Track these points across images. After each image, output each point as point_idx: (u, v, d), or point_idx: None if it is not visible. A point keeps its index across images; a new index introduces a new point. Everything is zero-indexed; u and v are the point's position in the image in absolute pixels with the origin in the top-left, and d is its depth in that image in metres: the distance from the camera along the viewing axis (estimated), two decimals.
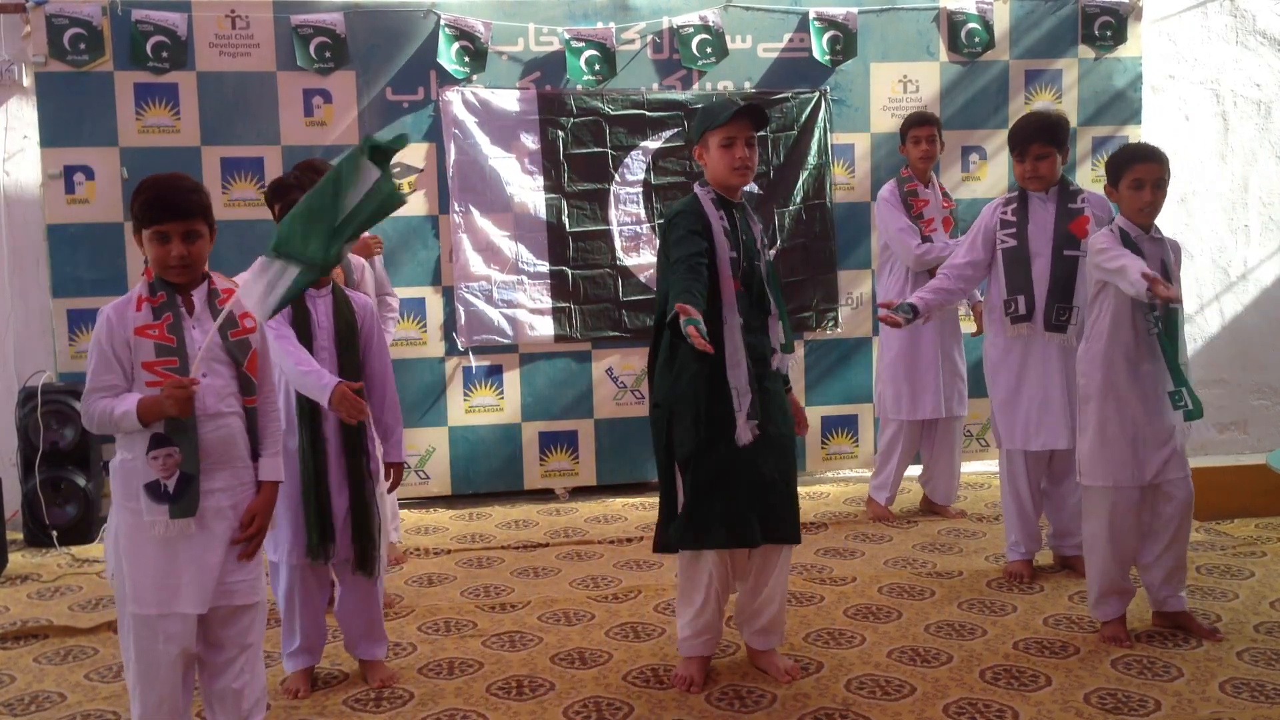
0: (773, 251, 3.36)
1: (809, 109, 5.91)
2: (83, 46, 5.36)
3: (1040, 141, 4.05)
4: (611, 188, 5.82)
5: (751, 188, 3.36)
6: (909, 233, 4.96)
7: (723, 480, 3.18)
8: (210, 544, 2.59)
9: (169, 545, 2.57)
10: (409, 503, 5.63)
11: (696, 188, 3.29)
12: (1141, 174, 3.43)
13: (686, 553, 3.29)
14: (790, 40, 5.92)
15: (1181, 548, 3.54)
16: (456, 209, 5.67)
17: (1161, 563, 3.54)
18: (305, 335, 3.20)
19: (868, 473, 6.10)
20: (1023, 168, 4.11)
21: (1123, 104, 6.16)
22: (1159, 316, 3.40)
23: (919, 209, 4.99)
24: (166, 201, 2.56)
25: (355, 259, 4.22)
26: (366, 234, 3.42)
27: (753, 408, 3.17)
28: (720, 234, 3.19)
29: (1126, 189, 3.46)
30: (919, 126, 5.02)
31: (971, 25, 6.00)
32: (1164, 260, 3.46)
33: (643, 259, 5.80)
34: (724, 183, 3.24)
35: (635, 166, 5.82)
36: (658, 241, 4.50)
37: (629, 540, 4.93)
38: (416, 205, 5.68)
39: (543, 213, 5.74)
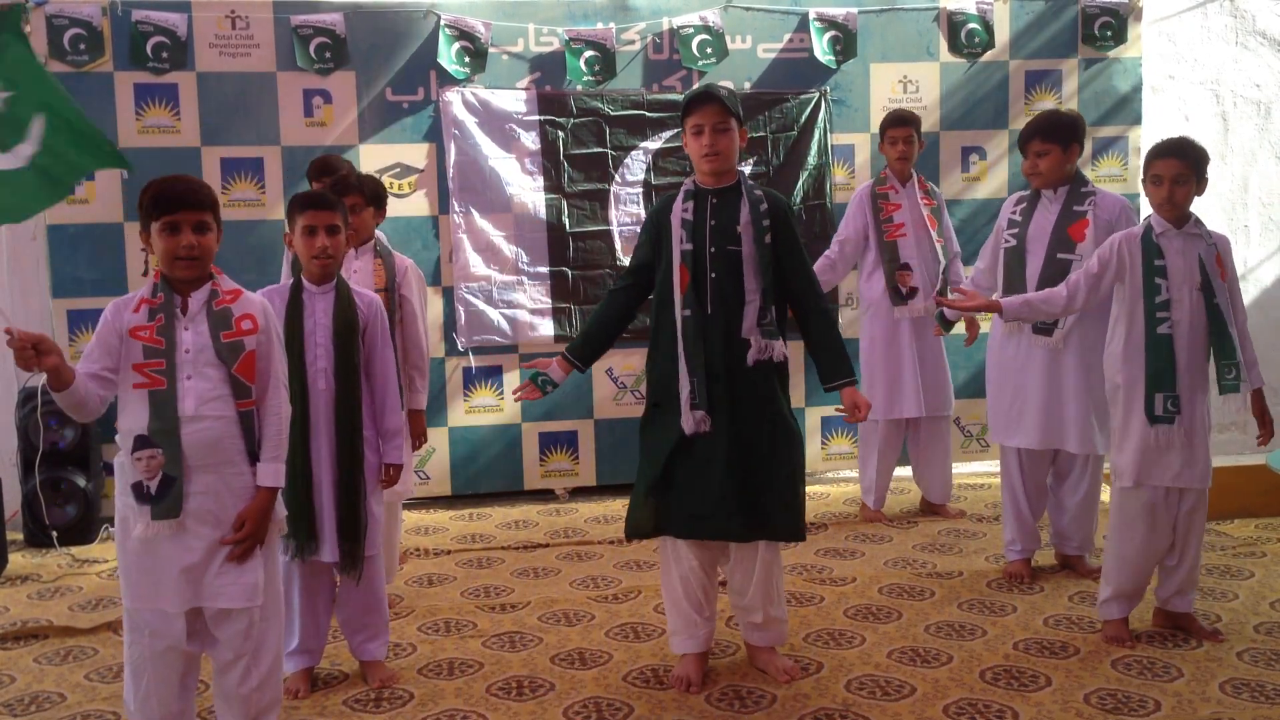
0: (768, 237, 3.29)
1: (809, 109, 5.91)
2: (83, 47, 5.36)
3: (1040, 138, 4.05)
4: (611, 188, 5.82)
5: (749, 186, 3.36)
6: (841, 244, 5.15)
7: (665, 471, 3.20)
8: (189, 545, 2.59)
9: (149, 543, 2.59)
10: (409, 503, 5.62)
11: (684, 182, 3.35)
12: (1160, 169, 3.44)
13: (662, 549, 3.34)
14: (790, 40, 5.92)
15: (1197, 551, 3.54)
16: (456, 209, 5.67)
17: (1179, 565, 3.54)
18: (298, 332, 3.19)
19: None
20: (1025, 164, 4.14)
21: (1123, 105, 6.15)
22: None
23: (889, 212, 5.01)
24: (178, 193, 2.60)
25: (401, 260, 4.14)
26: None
27: (695, 397, 3.15)
28: (676, 226, 3.22)
29: (1148, 184, 3.49)
30: (895, 127, 5.01)
31: (972, 26, 5.99)
32: (1200, 255, 3.45)
33: None
34: (698, 169, 3.29)
35: (635, 167, 5.82)
36: None
37: (629, 541, 4.92)
38: (417, 205, 5.68)
39: (543, 213, 5.74)
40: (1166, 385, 3.42)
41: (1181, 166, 3.42)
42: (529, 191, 5.73)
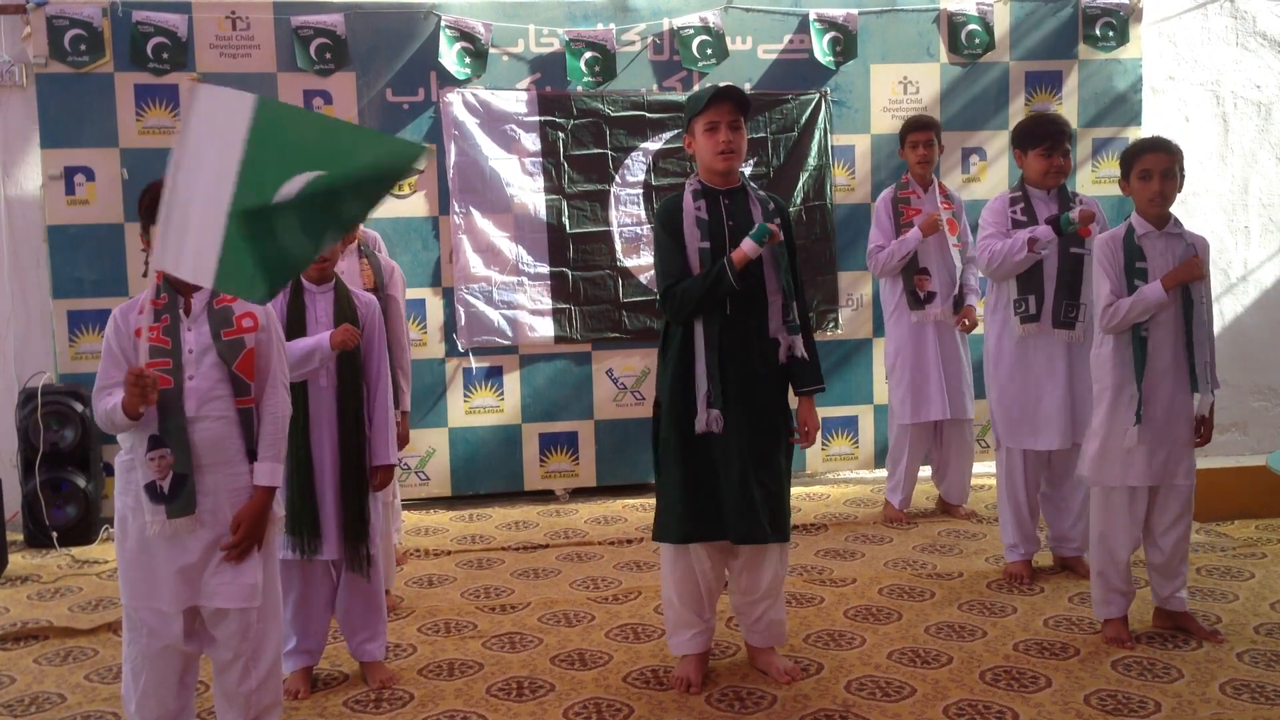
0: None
1: (809, 110, 5.91)
2: (83, 47, 5.36)
3: (1067, 140, 4.13)
4: (612, 189, 5.82)
5: (752, 187, 3.35)
6: (873, 253, 5.08)
7: (688, 473, 3.19)
8: (187, 545, 2.60)
9: (147, 542, 2.60)
10: (409, 504, 5.63)
11: (686, 182, 3.32)
12: (1149, 164, 3.44)
13: (665, 548, 3.32)
14: (790, 41, 5.92)
15: (1184, 546, 3.55)
16: (457, 210, 5.67)
17: (1166, 561, 3.55)
18: (300, 331, 3.20)
19: (868, 474, 6.11)
20: (1049, 163, 4.11)
21: (1123, 105, 6.16)
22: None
23: (909, 216, 5.00)
24: None
25: (386, 261, 4.16)
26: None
27: (712, 397, 3.15)
28: (691, 224, 3.20)
29: (1136, 180, 3.48)
30: (916, 131, 5.02)
31: (972, 26, 6.00)
32: (1180, 257, 3.44)
33: (643, 260, 5.80)
34: (710, 167, 3.24)
35: (635, 168, 5.83)
36: None
37: (629, 541, 4.93)
38: (417, 206, 5.68)
39: (543, 214, 5.74)
40: (1153, 387, 3.43)
41: (1170, 161, 3.44)
42: (529, 192, 5.73)
